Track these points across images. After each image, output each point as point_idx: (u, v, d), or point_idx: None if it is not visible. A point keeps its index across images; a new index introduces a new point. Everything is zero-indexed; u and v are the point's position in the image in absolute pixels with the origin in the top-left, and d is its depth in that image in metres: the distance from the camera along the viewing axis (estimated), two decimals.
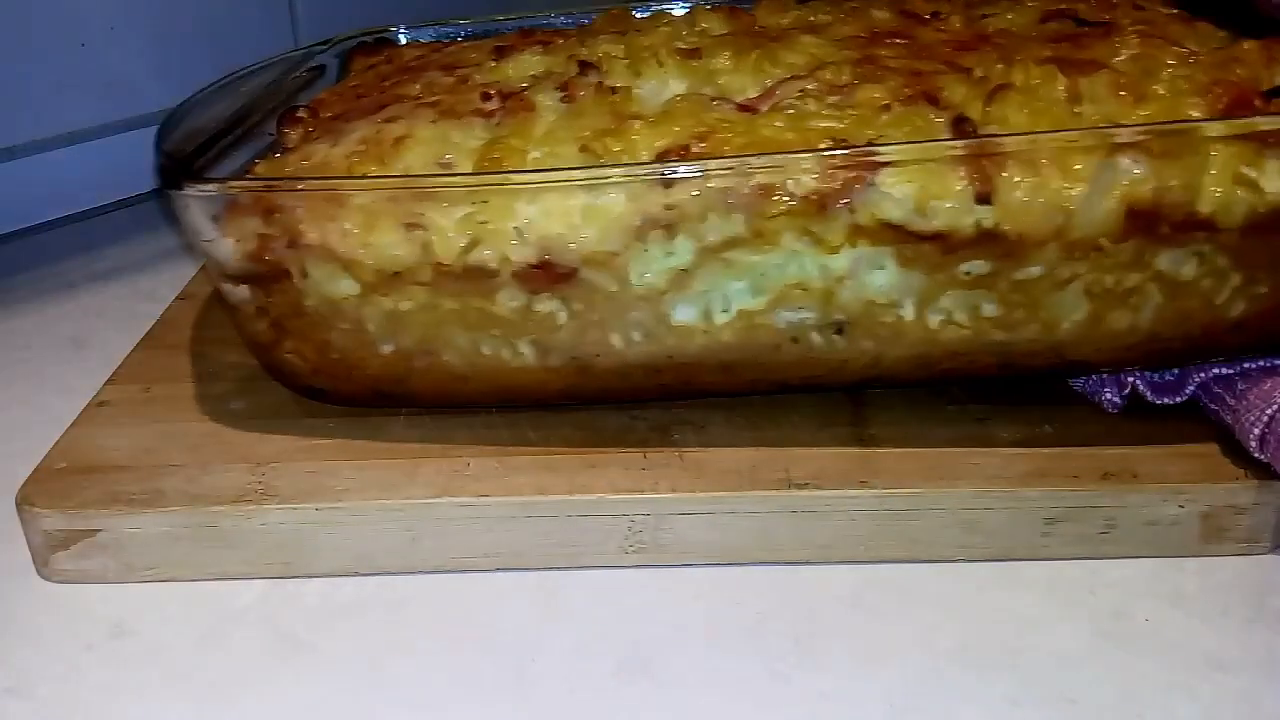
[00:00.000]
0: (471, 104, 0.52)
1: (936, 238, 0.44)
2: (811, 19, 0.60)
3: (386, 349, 0.49)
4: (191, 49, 0.89)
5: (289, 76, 0.65)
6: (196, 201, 0.47)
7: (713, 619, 0.45)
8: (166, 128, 0.52)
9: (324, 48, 0.70)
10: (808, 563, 0.47)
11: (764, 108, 0.49)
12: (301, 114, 0.58)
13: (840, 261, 0.45)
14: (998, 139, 0.43)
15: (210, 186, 0.47)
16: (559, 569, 0.47)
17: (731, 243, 0.45)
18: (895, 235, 0.44)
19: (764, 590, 0.46)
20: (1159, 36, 0.52)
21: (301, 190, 0.45)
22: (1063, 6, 0.59)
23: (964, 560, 0.47)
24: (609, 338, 0.48)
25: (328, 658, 0.44)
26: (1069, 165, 0.43)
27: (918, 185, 0.43)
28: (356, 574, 0.48)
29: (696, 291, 0.46)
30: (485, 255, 0.45)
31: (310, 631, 0.45)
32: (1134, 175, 0.43)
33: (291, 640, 0.44)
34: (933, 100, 0.47)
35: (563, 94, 0.51)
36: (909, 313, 0.47)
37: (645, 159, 0.45)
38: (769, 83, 0.50)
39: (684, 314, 0.47)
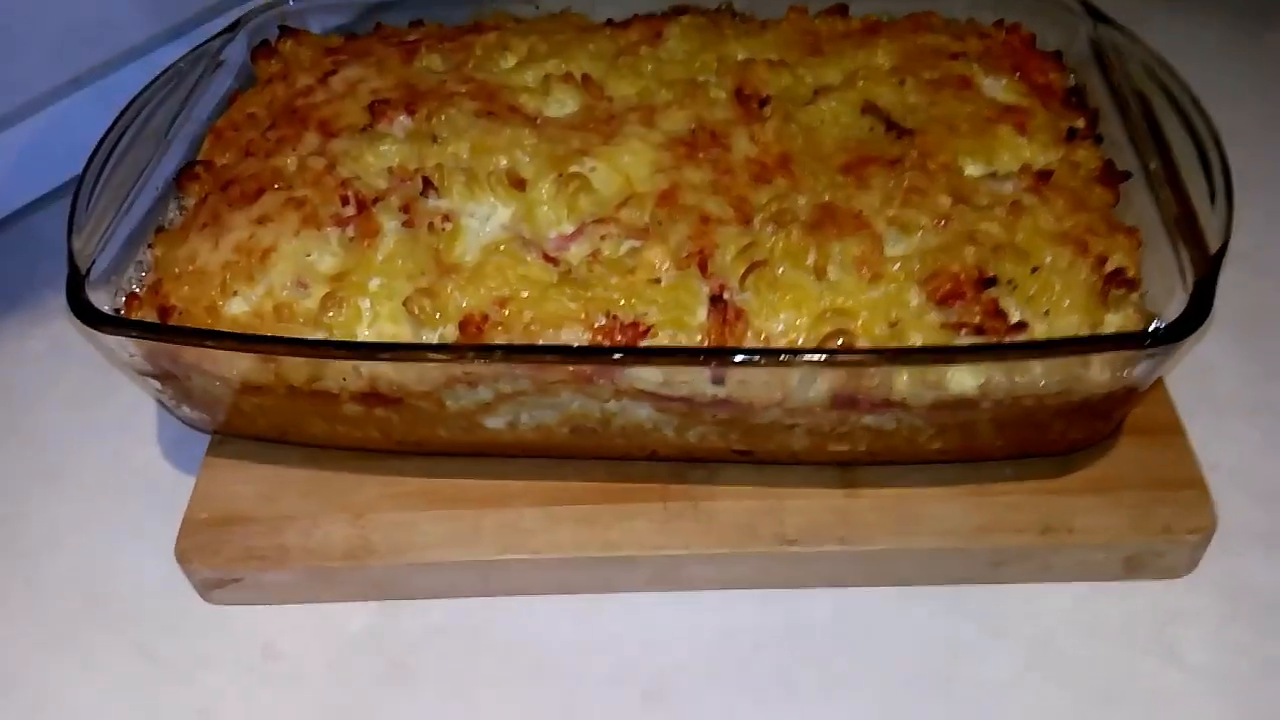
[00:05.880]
0: (332, 207, 0.61)
1: (683, 399, 0.55)
2: (654, 98, 0.66)
3: (262, 422, 0.61)
4: None
5: (190, 81, 0.71)
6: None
7: (713, 638, 0.59)
8: (75, 219, 0.61)
9: (228, 37, 0.76)
10: (792, 588, 0.60)
11: (570, 248, 0.58)
12: (198, 170, 0.66)
13: (611, 405, 0.57)
14: (718, 353, 0.54)
15: (115, 339, 0.57)
16: (597, 594, 0.61)
17: (522, 393, 0.56)
18: (651, 397, 0.55)
19: (756, 612, 0.60)
20: (940, 170, 0.60)
21: (183, 341, 0.56)
22: (879, 104, 0.65)
23: (921, 584, 0.60)
24: (436, 431, 0.60)
25: (423, 679, 0.58)
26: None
27: (664, 370, 0.54)
28: (442, 597, 0.61)
29: (501, 413, 0.58)
30: (327, 384, 0.57)
31: (410, 654, 0.59)
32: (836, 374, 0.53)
33: (398, 664, 0.59)
34: (703, 266, 0.57)
35: (404, 217, 0.60)
36: (671, 433, 0.59)
37: (453, 320, 0.56)
38: (582, 221, 0.59)
39: (493, 424, 0.59)
